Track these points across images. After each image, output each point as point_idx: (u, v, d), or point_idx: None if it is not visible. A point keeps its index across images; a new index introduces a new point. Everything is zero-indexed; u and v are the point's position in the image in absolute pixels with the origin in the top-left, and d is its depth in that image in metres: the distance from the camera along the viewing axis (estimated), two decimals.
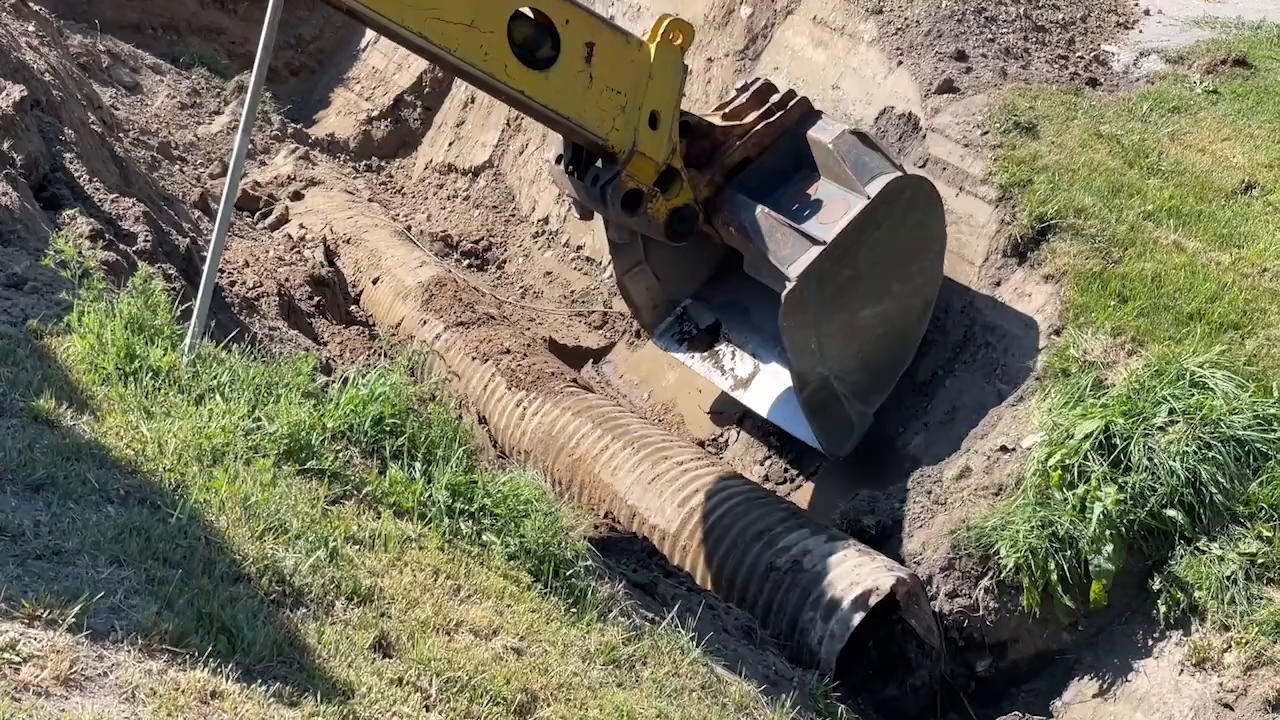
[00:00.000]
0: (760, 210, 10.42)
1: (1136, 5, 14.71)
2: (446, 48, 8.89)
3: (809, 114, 10.94)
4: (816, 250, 10.14)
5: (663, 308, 12.06)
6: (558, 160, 10.63)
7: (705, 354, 11.89)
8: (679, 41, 10.03)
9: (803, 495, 11.10)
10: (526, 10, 9.31)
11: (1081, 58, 13.51)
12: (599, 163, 10.24)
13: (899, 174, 10.50)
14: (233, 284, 11.64)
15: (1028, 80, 12.70)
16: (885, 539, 9.97)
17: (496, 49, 9.12)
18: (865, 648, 9.15)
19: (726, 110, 11.05)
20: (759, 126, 10.79)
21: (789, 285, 10.10)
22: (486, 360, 12.11)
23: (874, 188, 10.30)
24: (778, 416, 11.12)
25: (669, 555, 9.68)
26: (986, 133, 11.67)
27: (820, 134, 10.66)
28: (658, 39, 9.95)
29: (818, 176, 10.68)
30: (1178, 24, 14.41)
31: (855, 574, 9.04)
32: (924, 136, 12.03)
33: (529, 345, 12.51)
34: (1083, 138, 11.76)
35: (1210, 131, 12.15)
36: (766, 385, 11.34)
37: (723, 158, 10.68)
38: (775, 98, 10.97)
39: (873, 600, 8.78)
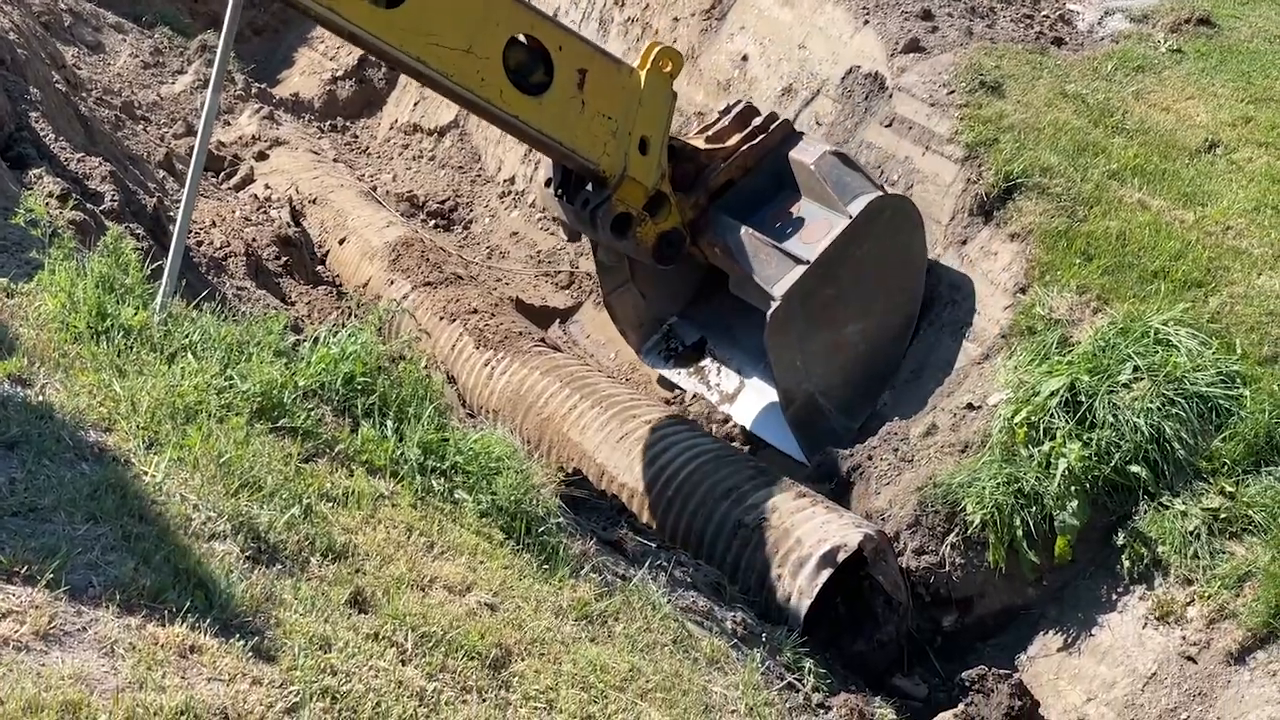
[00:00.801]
0: (744, 231, 10.59)
1: None
2: (443, 73, 8.99)
3: (791, 135, 11.14)
4: (800, 270, 10.31)
5: (649, 325, 12.23)
6: (547, 183, 10.77)
7: (691, 370, 12.10)
8: (669, 69, 10.20)
9: (770, 452, 11.15)
10: (520, 36, 9.41)
11: (1047, 17, 13.56)
12: (589, 187, 10.37)
13: (880, 194, 10.70)
14: (200, 244, 11.60)
15: (993, 39, 12.74)
16: (853, 496, 10.04)
17: (492, 75, 9.22)
18: (833, 603, 9.22)
19: (710, 133, 11.21)
20: (742, 149, 10.96)
21: (773, 305, 10.27)
22: (454, 320, 12.12)
23: (855, 207, 10.48)
24: (763, 431, 11.29)
25: (637, 513, 9.73)
26: (952, 92, 11.70)
27: (802, 155, 10.85)
28: (648, 66, 10.11)
29: (799, 197, 10.85)
30: None
31: (823, 531, 9.10)
32: (890, 96, 12.06)
33: (496, 305, 12.52)
34: (1048, 97, 11.81)
35: (1174, 90, 12.22)
36: (751, 400, 11.53)
37: (707, 180, 10.83)
38: (757, 120, 11.16)
39: (841, 557, 8.85)
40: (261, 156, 15.63)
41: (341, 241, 13.76)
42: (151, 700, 4.22)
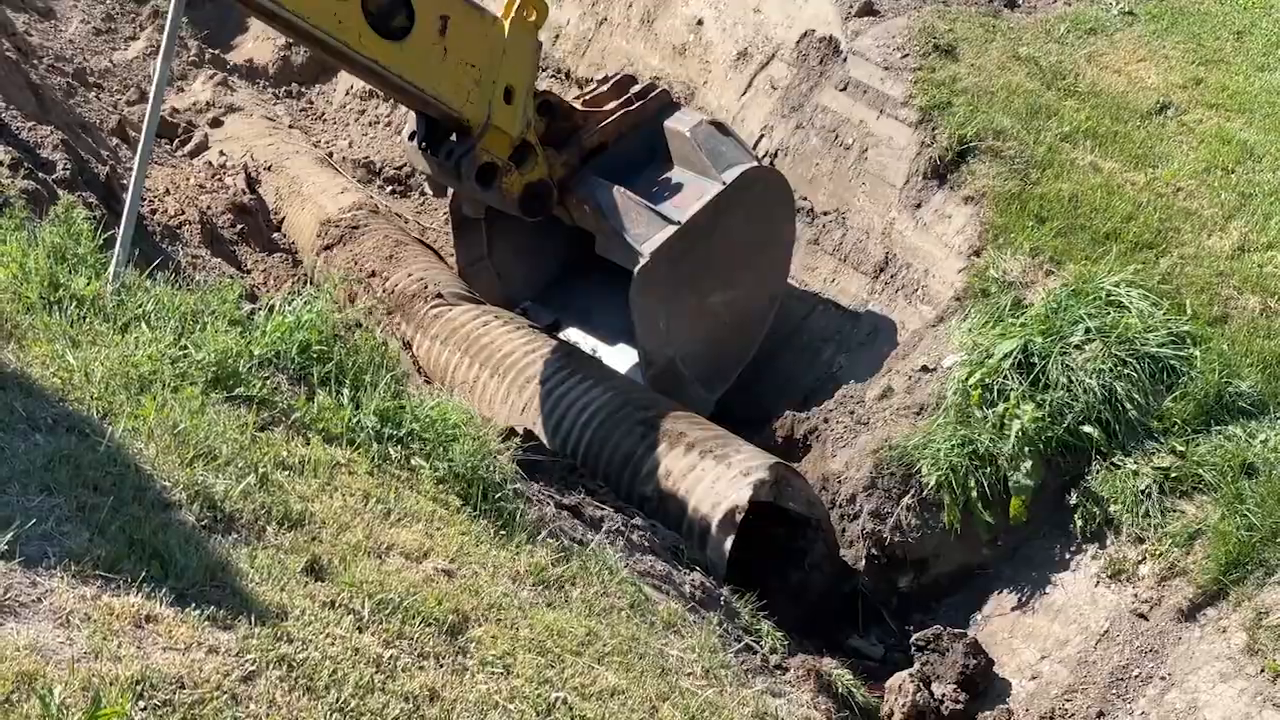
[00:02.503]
0: (616, 190, 10.59)
1: None
2: (299, 13, 8.92)
3: (668, 105, 11.19)
4: (670, 229, 10.35)
5: (502, 306, 12.08)
6: (410, 136, 10.73)
7: None
8: (533, 18, 10.20)
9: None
10: None
11: None
12: (454, 137, 10.33)
13: (755, 164, 10.79)
14: (154, 212, 11.54)
15: (947, 2, 12.78)
16: (809, 459, 10.11)
17: (350, 17, 9.17)
18: (756, 539, 9.24)
19: (587, 98, 11.27)
20: (619, 113, 10.98)
21: (642, 261, 10.27)
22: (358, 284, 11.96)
23: (729, 175, 10.57)
24: None
25: None
26: (906, 55, 11.74)
27: (677, 124, 10.92)
28: (511, 14, 10.09)
29: (673, 166, 10.90)
30: None
31: (715, 491, 9.13)
32: (845, 60, 12.09)
33: (391, 255, 12.34)
34: (1001, 60, 11.86)
35: (1126, 53, 12.29)
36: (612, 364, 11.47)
37: (581, 140, 10.85)
38: (636, 88, 11.21)
39: (738, 517, 8.89)
40: (216, 123, 15.53)
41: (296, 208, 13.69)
42: (107, 670, 4.23)
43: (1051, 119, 11.16)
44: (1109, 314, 9.10)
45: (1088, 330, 9.03)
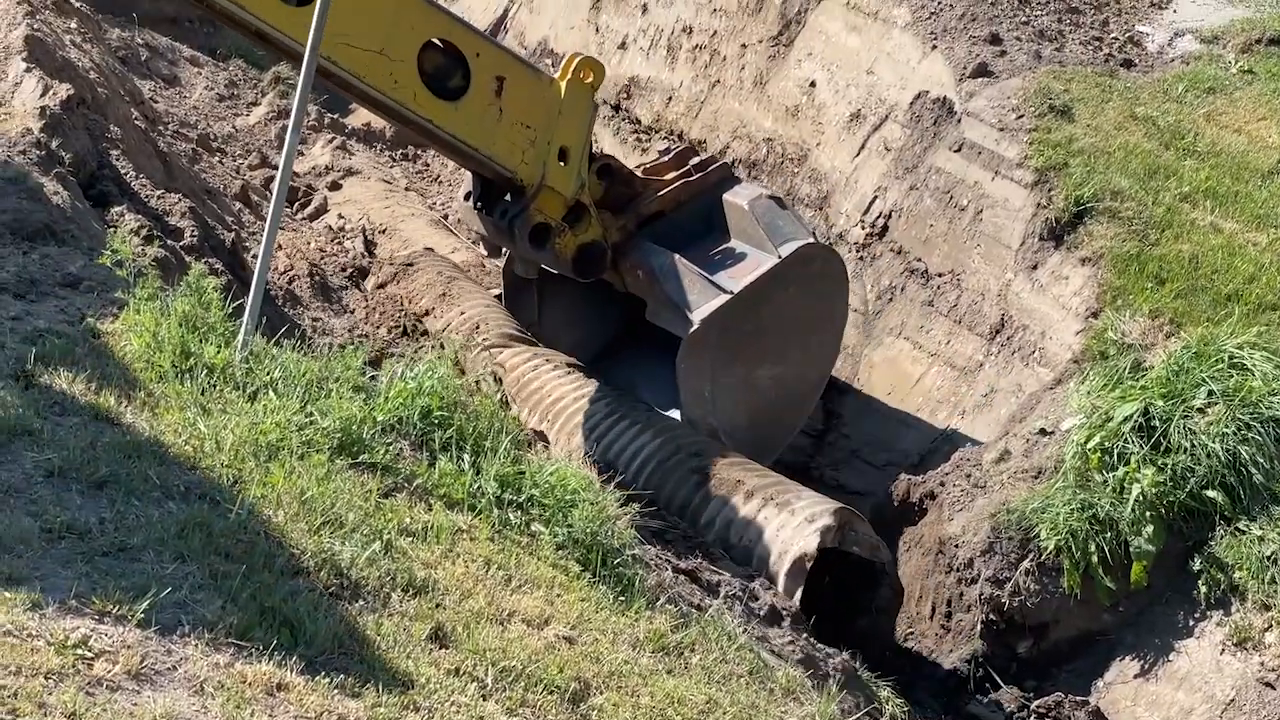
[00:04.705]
0: (672, 256, 10.55)
1: None
2: (355, 73, 9.07)
3: (728, 179, 11.18)
4: (724, 298, 10.31)
5: None
6: (466, 197, 10.79)
7: None
8: (590, 79, 10.24)
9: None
10: (438, 41, 9.50)
11: (1116, 39, 13.51)
12: (508, 198, 10.36)
13: (812, 241, 10.78)
14: (276, 275, 11.76)
15: (1062, 63, 12.72)
16: (924, 523, 10.05)
17: (406, 78, 9.30)
18: (823, 587, 9.17)
19: (648, 167, 11.29)
20: (678, 182, 10.98)
21: (692, 328, 10.25)
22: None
23: (786, 249, 10.52)
24: None
25: None
26: (1021, 116, 11.70)
27: (736, 197, 10.89)
28: (568, 76, 10.16)
29: (729, 238, 10.86)
30: (1212, 3, 14.37)
31: (781, 539, 9.04)
32: (959, 121, 12.07)
33: (441, 295, 12.31)
34: (1118, 120, 11.78)
35: (1246, 111, 12.15)
36: None
37: (639, 206, 10.83)
38: (695, 160, 11.22)
39: (807, 565, 8.82)
40: (335, 186, 15.79)
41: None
42: None
43: (1170, 179, 11.06)
44: (1232, 377, 8.97)
45: (1210, 393, 8.92)
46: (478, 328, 11.63)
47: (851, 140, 13.04)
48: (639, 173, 11.12)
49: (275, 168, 14.82)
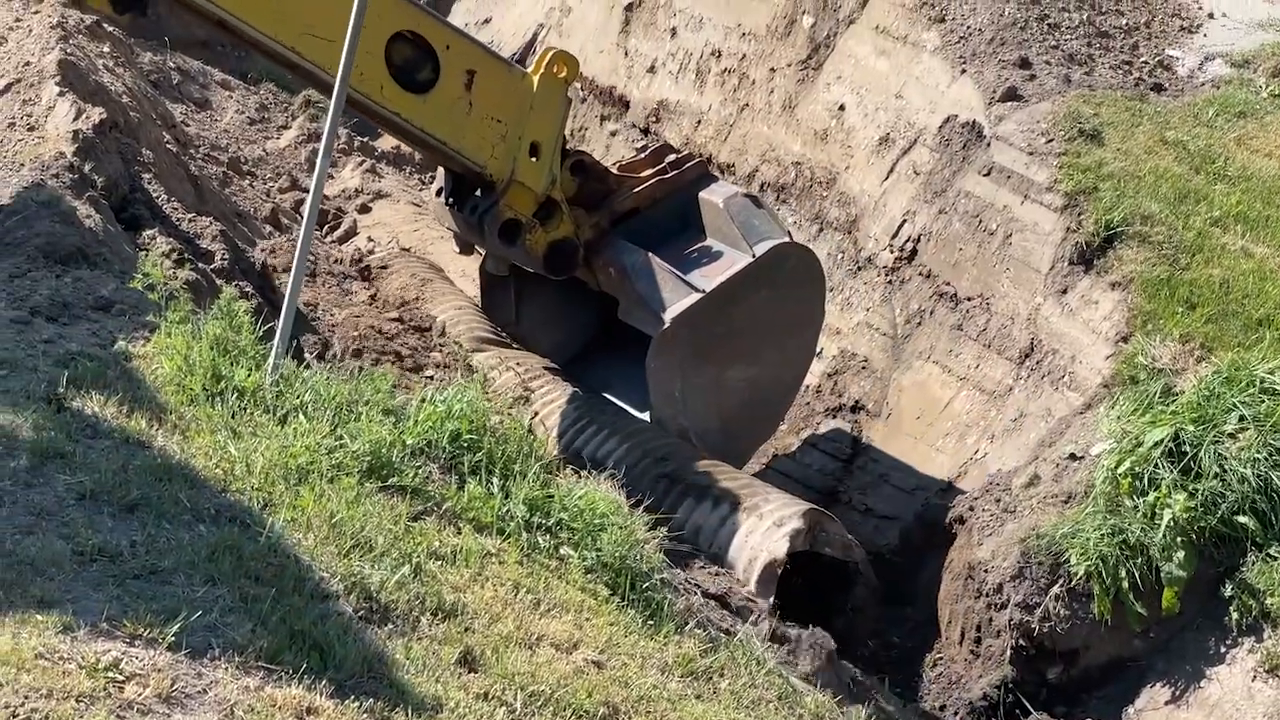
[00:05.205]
0: (644, 254, 10.44)
1: (1200, 9, 14.65)
2: (320, 65, 8.95)
3: (704, 176, 11.10)
4: (695, 296, 10.19)
5: None
6: (438, 193, 10.71)
7: None
8: (563, 74, 10.14)
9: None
10: (407, 33, 9.43)
11: (1146, 63, 13.48)
12: (478, 193, 10.28)
13: (787, 240, 10.67)
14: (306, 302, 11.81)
15: (1092, 87, 12.69)
16: (954, 547, 10.02)
17: (373, 70, 9.22)
18: (794, 590, 9.10)
19: (623, 164, 11.22)
20: (654, 180, 10.87)
21: (663, 326, 10.13)
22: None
23: (761, 248, 10.42)
24: None
25: None
26: (1051, 140, 11.68)
27: (712, 195, 10.79)
28: (541, 70, 10.07)
29: (704, 237, 10.75)
30: (1242, 27, 14.34)
31: (750, 546, 8.96)
32: (988, 144, 12.06)
33: (420, 290, 12.30)
34: (1148, 144, 11.75)
35: (1277, 135, 12.10)
36: None
37: (613, 204, 10.71)
38: (672, 157, 11.11)
39: (777, 571, 8.76)
40: (364, 209, 15.83)
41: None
42: None
43: (1201, 203, 11.02)
44: (1263, 402, 8.92)
45: (1241, 418, 8.86)
46: (444, 330, 11.57)
47: (880, 164, 13.04)
48: (614, 169, 11.00)
49: (305, 190, 14.90)
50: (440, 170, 10.70)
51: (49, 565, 5.00)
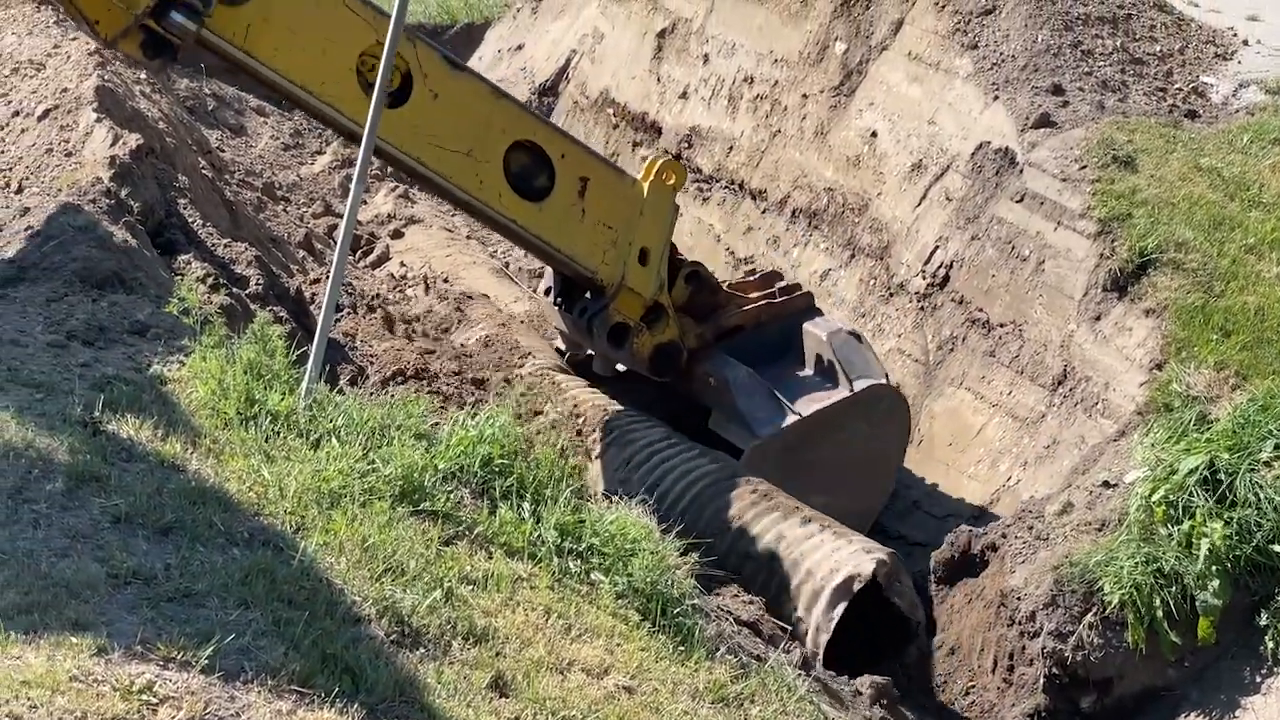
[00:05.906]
0: (747, 371, 10.66)
1: (1235, 35, 14.62)
2: (442, 174, 9.14)
3: (811, 308, 11.31)
4: (791, 419, 10.45)
5: None
6: (546, 292, 10.90)
7: None
8: (672, 181, 10.30)
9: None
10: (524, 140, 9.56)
11: (1180, 90, 13.45)
12: (588, 295, 10.44)
13: (884, 382, 10.89)
14: (338, 322, 11.85)
15: (1125, 113, 12.67)
16: (986, 575, 9.98)
17: (491, 178, 9.37)
18: (850, 629, 9.11)
19: (733, 284, 11.44)
20: (762, 302, 11.11)
21: (754, 442, 10.33)
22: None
23: (860, 384, 10.67)
24: None
25: None
26: (1084, 167, 11.66)
27: (816, 327, 11.03)
28: (650, 178, 10.23)
29: (802, 367, 11.02)
30: (1277, 54, 14.29)
31: (834, 559, 9.05)
32: (1021, 171, 12.04)
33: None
34: (1182, 171, 11.71)
35: None
36: None
37: (719, 318, 10.94)
38: (782, 284, 11.37)
39: (856, 586, 8.82)
40: (397, 234, 15.90)
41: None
42: None
43: (1235, 230, 10.98)
44: None
45: (1277, 446, 8.81)
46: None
47: (913, 190, 13.04)
48: (725, 287, 11.22)
49: (339, 216, 14.97)
50: (548, 270, 10.87)
51: (84, 588, 5.03)
